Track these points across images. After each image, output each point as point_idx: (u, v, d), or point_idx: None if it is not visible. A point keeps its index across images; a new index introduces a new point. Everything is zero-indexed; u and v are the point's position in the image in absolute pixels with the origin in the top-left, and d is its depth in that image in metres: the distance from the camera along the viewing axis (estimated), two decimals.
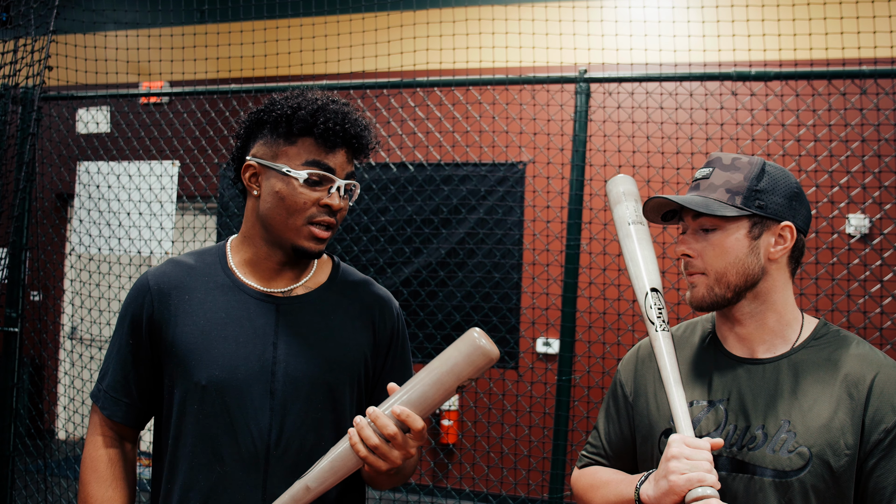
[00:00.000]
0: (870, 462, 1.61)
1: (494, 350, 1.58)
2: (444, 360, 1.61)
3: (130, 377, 1.89)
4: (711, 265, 1.73)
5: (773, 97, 4.78)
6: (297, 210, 1.81)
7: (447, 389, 1.61)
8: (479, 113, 5.63)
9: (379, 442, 1.60)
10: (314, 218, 1.82)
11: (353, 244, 5.92)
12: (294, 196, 1.81)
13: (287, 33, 5.27)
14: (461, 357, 1.59)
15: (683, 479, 1.56)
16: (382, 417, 1.61)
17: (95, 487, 1.87)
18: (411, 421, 1.60)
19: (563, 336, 3.91)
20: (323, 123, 1.81)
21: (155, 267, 1.95)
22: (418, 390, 1.62)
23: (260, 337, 1.85)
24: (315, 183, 1.81)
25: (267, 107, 1.88)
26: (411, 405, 1.61)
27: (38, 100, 4.66)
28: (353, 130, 1.84)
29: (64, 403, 6.94)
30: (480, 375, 1.62)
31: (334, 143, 1.83)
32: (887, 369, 1.66)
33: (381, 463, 1.62)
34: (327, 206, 1.82)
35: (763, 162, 1.76)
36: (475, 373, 1.60)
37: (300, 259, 1.92)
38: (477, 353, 1.57)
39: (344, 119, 1.83)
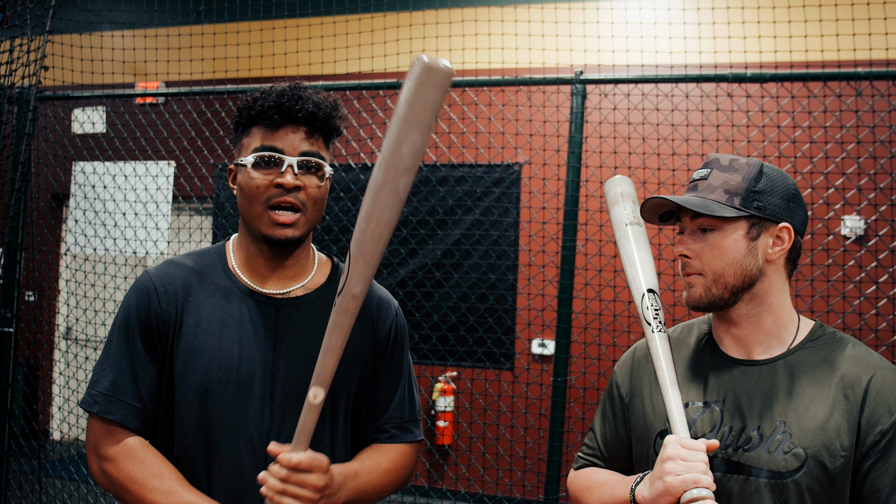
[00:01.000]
0: (865, 464, 1.61)
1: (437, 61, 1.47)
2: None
3: (141, 379, 1.83)
4: (709, 266, 1.73)
5: (769, 99, 4.79)
6: (253, 196, 1.82)
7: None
8: (475, 114, 5.63)
9: (282, 486, 1.64)
10: (272, 200, 1.81)
11: (348, 245, 5.92)
12: (248, 182, 1.82)
13: (283, 34, 5.27)
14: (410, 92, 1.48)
15: (679, 480, 1.56)
16: (272, 467, 1.66)
17: (142, 468, 1.77)
18: (284, 461, 1.64)
19: (559, 337, 3.91)
20: (261, 105, 1.82)
21: (155, 267, 1.93)
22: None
23: (261, 339, 1.85)
24: (265, 164, 1.81)
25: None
26: (294, 444, 1.66)
27: (33, 100, 4.65)
28: (297, 105, 1.82)
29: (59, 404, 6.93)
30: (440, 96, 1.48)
31: (278, 123, 1.82)
32: (883, 371, 1.66)
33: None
34: (280, 185, 1.80)
35: (761, 163, 1.76)
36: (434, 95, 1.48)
37: (283, 253, 1.90)
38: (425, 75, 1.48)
39: (281, 96, 1.82)
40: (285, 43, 5.24)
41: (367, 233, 1.53)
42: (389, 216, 1.52)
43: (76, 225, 5.23)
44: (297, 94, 1.84)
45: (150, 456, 1.79)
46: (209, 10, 6.04)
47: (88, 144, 6.30)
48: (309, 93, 1.86)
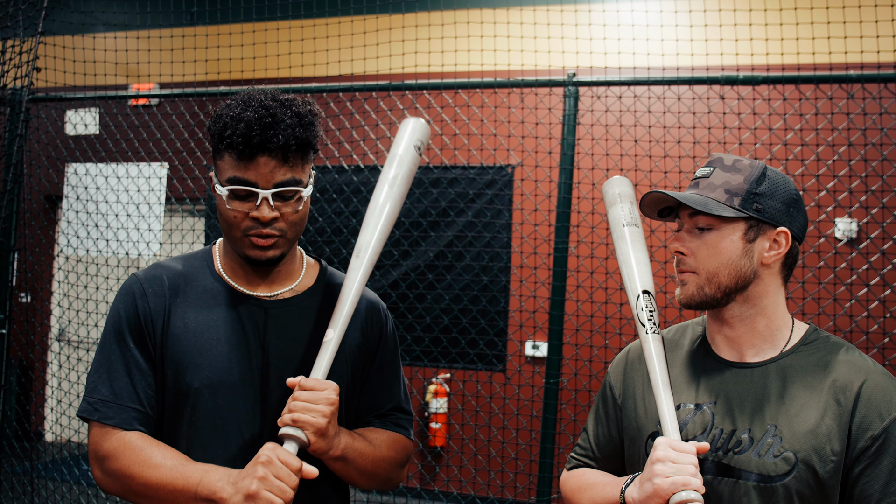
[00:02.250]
0: (856, 469, 1.61)
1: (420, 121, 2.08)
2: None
3: (137, 382, 1.81)
4: (704, 264, 1.73)
5: (761, 101, 4.79)
6: (231, 223, 1.81)
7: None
8: (467, 116, 5.63)
9: (292, 415, 1.71)
10: (249, 231, 1.79)
11: (341, 247, 5.91)
12: (225, 212, 1.80)
13: (276, 35, 5.26)
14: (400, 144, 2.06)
15: (668, 482, 1.56)
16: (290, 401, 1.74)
17: (144, 454, 1.74)
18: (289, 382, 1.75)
19: (551, 339, 3.91)
20: (231, 136, 1.75)
21: (142, 270, 1.93)
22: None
23: (251, 340, 1.85)
24: (241, 197, 1.78)
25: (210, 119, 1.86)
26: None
27: (26, 101, 4.64)
28: (266, 136, 1.73)
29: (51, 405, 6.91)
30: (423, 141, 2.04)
31: (250, 154, 1.75)
32: (875, 376, 1.66)
33: (307, 428, 1.70)
34: (256, 219, 1.78)
35: (765, 166, 1.76)
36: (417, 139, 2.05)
37: (261, 268, 1.90)
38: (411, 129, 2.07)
39: (251, 127, 1.73)
40: (278, 45, 5.23)
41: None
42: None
43: (69, 226, 5.22)
44: (269, 122, 1.74)
45: (149, 442, 1.77)
46: (202, 12, 6.03)
47: (81, 146, 6.29)
48: (280, 115, 1.77)
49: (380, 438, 1.95)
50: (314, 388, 1.70)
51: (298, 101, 1.84)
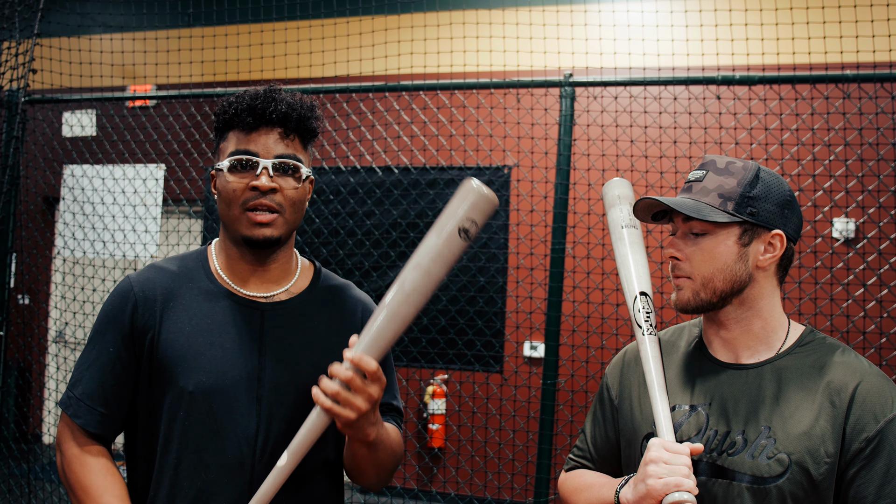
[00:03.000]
0: (850, 471, 1.61)
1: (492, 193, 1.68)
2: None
3: (108, 386, 1.84)
4: (699, 270, 1.73)
5: (758, 101, 4.80)
6: (230, 199, 1.82)
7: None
8: (464, 117, 5.63)
9: (339, 388, 1.62)
10: (248, 203, 1.81)
11: (338, 248, 5.91)
12: (225, 186, 1.82)
13: (273, 37, 5.27)
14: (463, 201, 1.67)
15: (661, 483, 1.56)
16: (336, 366, 1.64)
17: (92, 477, 1.81)
18: (364, 363, 1.62)
19: (548, 340, 3.91)
20: (235, 110, 1.82)
21: (136, 272, 1.93)
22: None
23: (246, 343, 1.84)
24: (240, 168, 1.81)
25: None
26: (365, 350, 1.65)
27: (22, 103, 4.65)
28: (270, 107, 1.82)
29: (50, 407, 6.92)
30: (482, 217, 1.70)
31: (252, 125, 1.82)
32: (870, 378, 1.65)
33: (347, 412, 1.64)
34: (255, 187, 1.80)
35: (758, 167, 1.75)
36: (478, 216, 1.68)
37: (263, 255, 1.89)
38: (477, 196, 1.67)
39: (254, 99, 1.83)
40: (275, 46, 5.23)
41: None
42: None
43: (67, 228, 5.22)
44: (271, 97, 1.83)
45: (101, 467, 1.82)
46: (200, 14, 6.03)
47: (79, 147, 6.28)
48: (283, 95, 1.86)
49: (391, 432, 1.95)
50: (375, 375, 1.66)
51: (300, 94, 1.91)
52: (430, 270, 1.67)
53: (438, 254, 1.66)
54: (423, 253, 1.67)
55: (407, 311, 1.67)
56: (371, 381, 1.65)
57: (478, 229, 1.69)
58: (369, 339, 1.66)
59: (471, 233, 1.67)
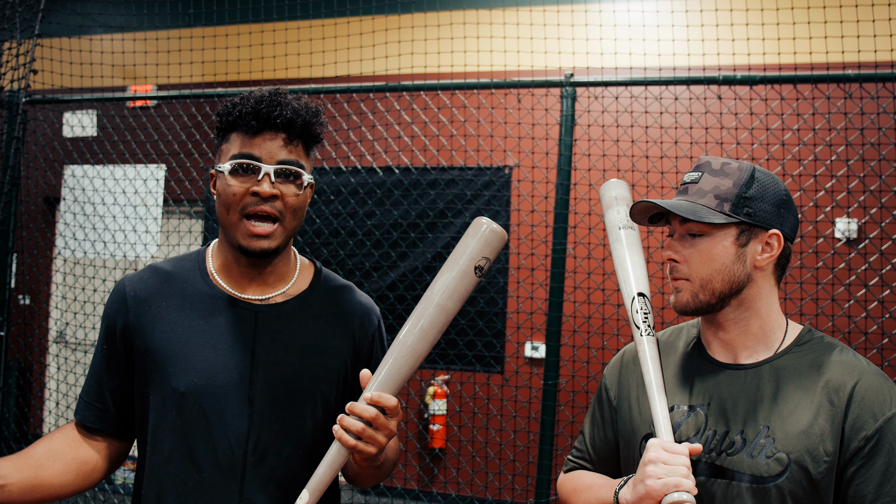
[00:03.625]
0: (849, 470, 1.60)
1: (501, 229, 1.77)
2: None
3: (103, 383, 1.89)
4: (697, 271, 1.73)
5: (759, 101, 4.79)
6: (230, 203, 1.80)
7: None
8: (465, 117, 5.62)
9: (363, 426, 1.64)
10: (247, 209, 1.79)
11: (339, 248, 5.91)
12: (225, 190, 1.80)
13: (274, 37, 5.27)
14: (475, 240, 1.74)
15: (660, 483, 1.56)
16: (359, 406, 1.66)
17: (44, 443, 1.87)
18: (384, 400, 1.65)
19: (549, 340, 3.91)
20: (239, 111, 1.80)
21: (133, 273, 1.94)
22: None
23: (238, 344, 1.84)
24: (242, 172, 1.79)
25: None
26: (383, 386, 1.69)
27: (23, 103, 4.65)
28: (275, 112, 1.79)
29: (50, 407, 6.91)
30: (493, 253, 1.77)
31: (255, 129, 1.79)
32: (869, 376, 1.65)
33: (370, 448, 1.66)
34: (256, 193, 1.78)
35: (753, 168, 1.75)
36: (489, 251, 1.75)
37: (255, 260, 1.88)
38: (488, 233, 1.75)
39: (259, 102, 1.80)
40: (276, 46, 5.24)
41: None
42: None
43: (67, 228, 5.22)
44: (276, 100, 1.81)
45: (49, 437, 1.88)
46: (200, 14, 6.03)
47: (79, 148, 6.28)
48: (289, 98, 1.83)
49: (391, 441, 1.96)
50: (395, 411, 1.69)
51: (306, 97, 1.90)
52: (446, 307, 1.72)
53: (455, 290, 1.72)
54: (439, 290, 1.72)
55: (423, 346, 1.71)
56: (391, 416, 1.68)
57: (490, 264, 1.74)
58: (385, 375, 1.70)
59: (484, 269, 1.73)
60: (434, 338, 1.71)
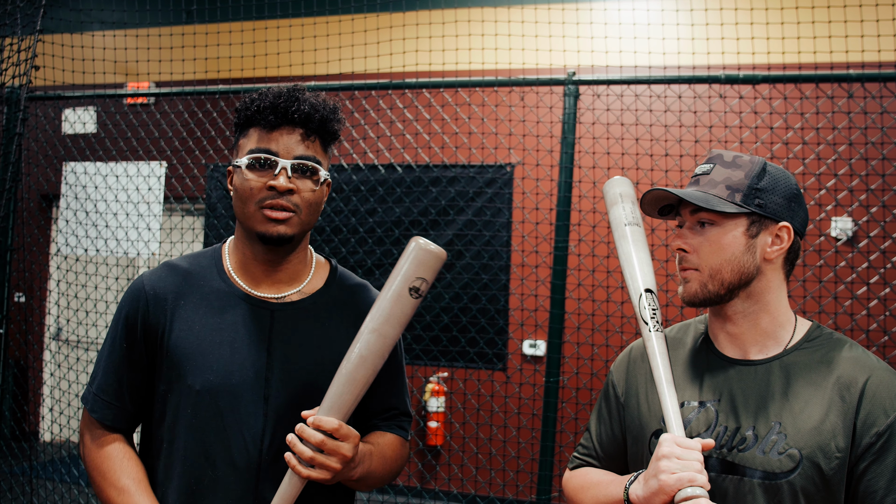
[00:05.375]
0: (861, 465, 1.60)
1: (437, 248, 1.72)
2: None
3: (123, 381, 1.88)
4: (706, 261, 1.73)
5: (761, 100, 4.79)
6: (247, 197, 1.81)
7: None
8: (467, 115, 5.63)
9: (312, 454, 1.66)
10: (264, 202, 1.80)
11: (341, 245, 5.91)
12: (243, 184, 1.81)
13: (275, 34, 5.25)
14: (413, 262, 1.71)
15: (674, 478, 1.55)
16: (307, 430, 1.67)
17: (109, 462, 1.85)
18: (325, 423, 1.66)
19: (552, 338, 3.90)
20: (258, 106, 1.81)
21: (150, 270, 1.94)
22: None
23: (254, 343, 1.84)
24: (259, 167, 1.80)
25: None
26: (328, 412, 1.69)
27: (24, 99, 4.63)
28: (293, 107, 1.81)
29: (49, 405, 6.90)
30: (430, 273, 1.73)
31: (273, 124, 1.81)
32: (880, 373, 1.66)
33: (325, 474, 1.68)
34: (273, 187, 1.79)
35: (764, 161, 1.75)
36: (426, 272, 1.71)
37: (273, 251, 1.89)
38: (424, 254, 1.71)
39: (278, 98, 1.82)
40: (277, 43, 5.22)
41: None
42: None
43: (66, 226, 5.21)
44: (295, 96, 1.83)
45: (118, 452, 1.87)
46: (200, 10, 6.02)
47: (79, 145, 6.27)
48: (307, 95, 1.85)
49: (387, 444, 1.96)
50: (336, 433, 1.68)
51: (324, 94, 1.92)
52: (385, 332, 1.70)
53: (391, 315, 1.70)
54: (376, 317, 1.71)
55: (365, 373, 1.70)
56: (341, 439, 1.68)
57: (428, 285, 1.72)
58: (329, 403, 1.69)
59: (421, 290, 1.71)
60: (374, 364, 1.70)
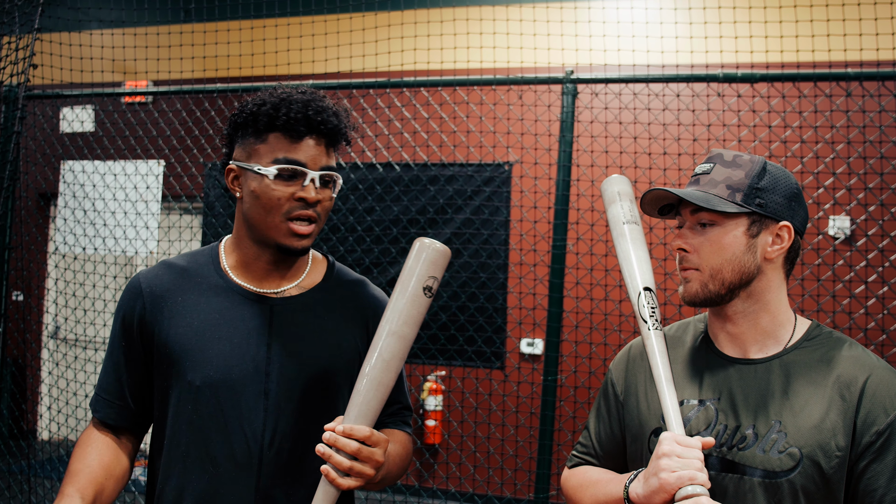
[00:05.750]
0: (861, 464, 1.60)
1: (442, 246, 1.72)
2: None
3: (123, 379, 1.89)
4: (707, 261, 1.72)
5: (759, 99, 4.80)
6: (273, 207, 1.80)
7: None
8: (465, 113, 5.62)
9: (350, 463, 1.64)
10: (292, 213, 1.80)
11: (339, 244, 5.90)
12: (268, 193, 1.80)
13: (273, 32, 5.25)
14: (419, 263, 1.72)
15: (674, 476, 1.55)
16: (341, 440, 1.65)
17: (80, 451, 1.87)
18: (356, 432, 1.64)
19: (550, 336, 3.91)
20: (285, 115, 1.79)
21: (147, 269, 1.95)
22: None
23: (254, 338, 1.84)
24: (287, 177, 1.80)
25: (239, 108, 1.88)
26: (356, 419, 1.67)
27: (22, 98, 4.63)
28: (318, 117, 1.81)
29: (47, 404, 6.90)
30: (440, 272, 1.73)
31: (300, 133, 1.80)
32: (879, 371, 1.66)
33: (360, 481, 1.67)
34: (302, 199, 1.80)
35: (765, 161, 1.75)
36: (436, 271, 1.72)
37: (287, 257, 1.90)
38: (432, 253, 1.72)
39: (306, 107, 1.80)
40: (275, 42, 5.22)
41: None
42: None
43: (64, 224, 5.20)
44: (321, 105, 1.83)
45: (93, 440, 1.89)
46: (197, 9, 6.01)
47: (77, 143, 6.27)
48: (328, 103, 1.86)
49: (398, 441, 1.96)
50: (369, 440, 1.67)
51: (322, 93, 1.93)
52: (404, 334, 1.70)
53: (409, 316, 1.70)
54: (393, 318, 1.70)
55: (389, 376, 1.70)
56: (373, 445, 1.67)
57: (438, 283, 1.73)
58: (357, 410, 1.68)
59: (433, 289, 1.72)
60: (397, 366, 1.70)
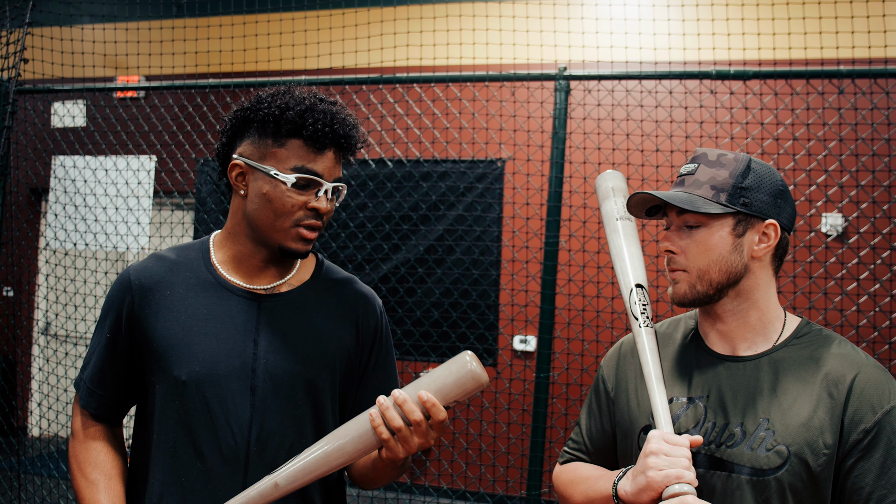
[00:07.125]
0: (848, 462, 1.61)
1: (484, 375, 1.62)
2: (434, 376, 1.63)
3: (108, 370, 1.89)
4: (694, 262, 1.73)
5: (752, 96, 4.80)
6: (284, 213, 1.80)
7: (445, 398, 1.63)
8: (458, 109, 5.62)
9: (403, 425, 1.61)
10: (301, 221, 1.81)
11: (331, 240, 5.90)
12: (282, 199, 1.80)
13: (265, 28, 5.24)
14: (450, 377, 1.61)
15: (661, 475, 1.55)
16: (410, 402, 1.62)
17: (87, 454, 1.89)
18: (436, 410, 1.61)
19: (542, 333, 3.90)
20: (311, 125, 1.79)
21: (137, 262, 1.94)
22: (439, 383, 1.63)
23: (241, 333, 1.84)
24: (303, 186, 1.80)
25: (254, 105, 1.86)
26: (437, 395, 1.63)
27: (13, 93, 4.61)
28: (341, 131, 1.82)
29: (37, 400, 6.88)
30: (466, 398, 1.64)
31: (323, 146, 1.81)
32: (868, 369, 1.66)
33: (400, 449, 1.64)
34: (315, 209, 1.81)
35: (749, 158, 1.75)
36: (461, 395, 1.62)
37: (286, 258, 1.91)
38: (467, 377, 1.61)
39: (332, 120, 1.81)
40: (268, 37, 5.21)
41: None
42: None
43: (55, 219, 5.18)
44: (345, 119, 1.85)
45: (98, 444, 1.91)
46: (190, 4, 5.99)
47: (68, 138, 6.24)
48: (349, 114, 1.88)
49: None
50: (435, 426, 1.66)
51: (346, 109, 1.95)
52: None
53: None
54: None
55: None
56: (435, 429, 1.65)
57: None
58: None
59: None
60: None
